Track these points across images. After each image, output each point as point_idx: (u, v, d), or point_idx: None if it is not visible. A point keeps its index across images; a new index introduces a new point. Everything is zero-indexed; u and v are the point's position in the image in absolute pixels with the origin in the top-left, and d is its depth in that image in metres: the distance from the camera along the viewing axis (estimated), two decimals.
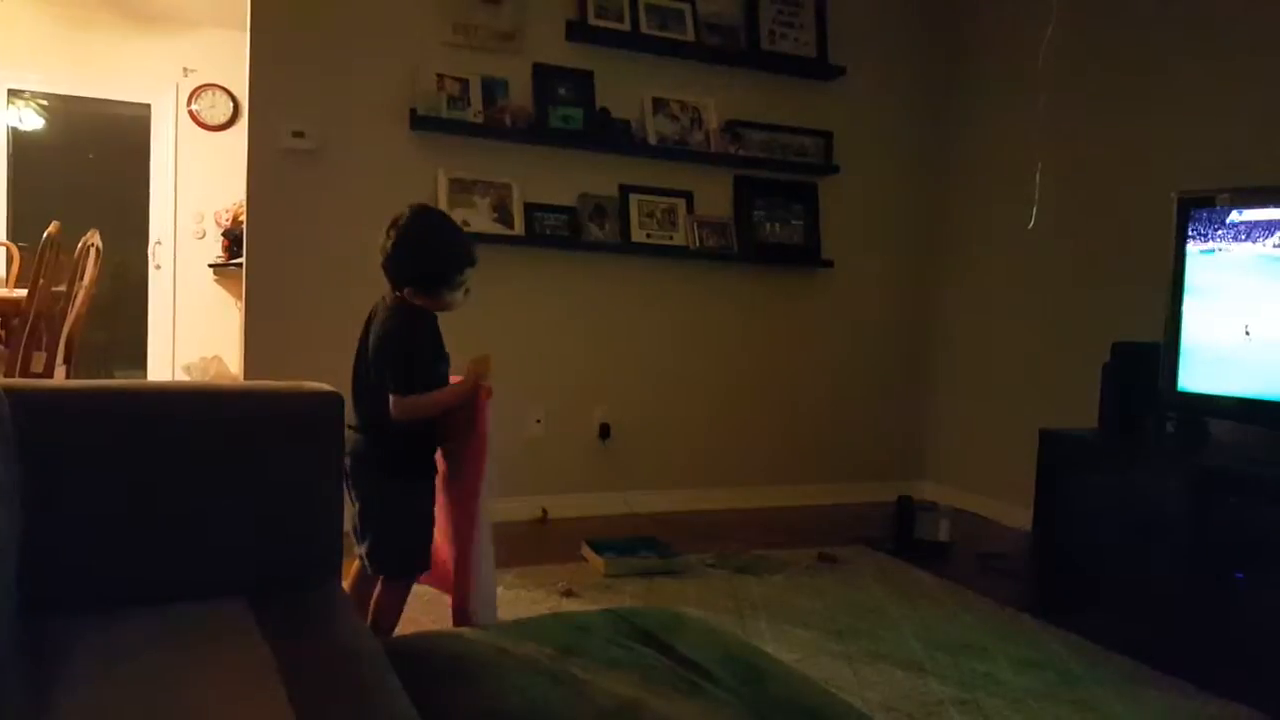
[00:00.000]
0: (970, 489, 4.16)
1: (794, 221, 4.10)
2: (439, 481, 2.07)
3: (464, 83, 3.51)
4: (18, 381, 1.59)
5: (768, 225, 4.04)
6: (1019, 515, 3.57)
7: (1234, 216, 2.74)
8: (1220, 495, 2.54)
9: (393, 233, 1.97)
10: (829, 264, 4.13)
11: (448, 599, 2.04)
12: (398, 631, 1.98)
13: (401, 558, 1.98)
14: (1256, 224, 2.69)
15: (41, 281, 3.44)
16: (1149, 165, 3.44)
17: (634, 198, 3.80)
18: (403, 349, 1.93)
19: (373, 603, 1.98)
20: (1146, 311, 3.10)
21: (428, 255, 1.98)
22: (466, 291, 2.03)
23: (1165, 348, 2.90)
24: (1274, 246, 2.66)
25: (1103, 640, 2.58)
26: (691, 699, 1.26)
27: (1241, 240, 2.73)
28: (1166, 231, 2.92)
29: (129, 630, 1.29)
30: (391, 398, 1.89)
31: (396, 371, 1.91)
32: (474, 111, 3.50)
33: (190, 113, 5.86)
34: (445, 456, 2.06)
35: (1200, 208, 2.82)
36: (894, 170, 4.32)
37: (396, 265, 1.97)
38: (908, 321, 4.42)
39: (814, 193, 4.14)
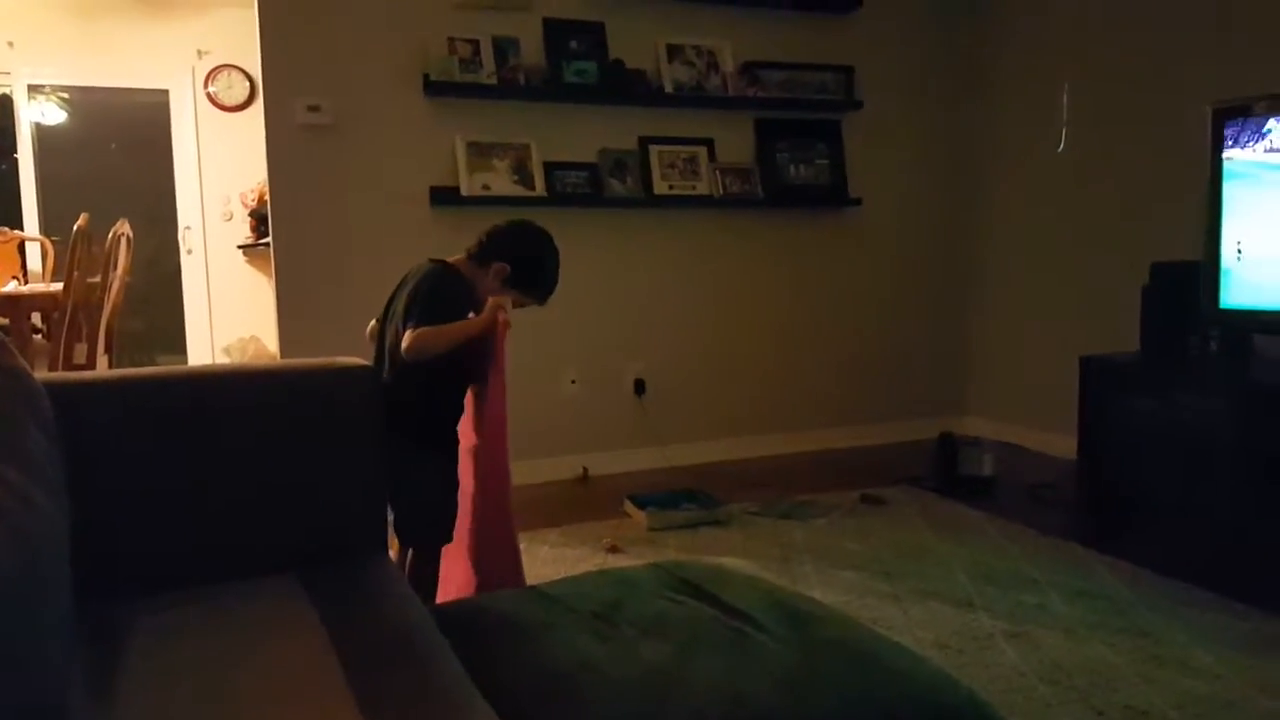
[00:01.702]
0: (1013, 421, 4.11)
1: (818, 161, 4.02)
2: (461, 454, 2.06)
3: (475, 44, 3.47)
4: (58, 375, 1.62)
5: (792, 167, 3.97)
6: (1063, 445, 3.53)
7: (1271, 125, 2.64)
8: (1269, 412, 2.48)
9: (523, 224, 2.06)
10: (857, 202, 4.06)
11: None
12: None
13: (429, 527, 1.97)
14: None
15: (76, 274, 3.50)
16: (1180, 78, 3.31)
17: (654, 149, 3.75)
18: (428, 289, 1.92)
19: (406, 574, 1.99)
20: (1185, 229, 3.02)
21: (548, 267, 2.07)
22: (519, 303, 2.06)
23: (1205, 265, 2.82)
24: None
25: (1154, 566, 2.55)
26: (740, 648, 1.27)
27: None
28: (1202, 145, 2.82)
29: (183, 610, 1.32)
30: (406, 333, 1.86)
31: (416, 308, 1.88)
32: (487, 73, 3.46)
33: (208, 95, 5.86)
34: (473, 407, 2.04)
35: (1235, 118, 2.72)
36: (918, 101, 4.21)
37: (516, 247, 2.02)
38: (940, 255, 4.34)
39: (837, 130, 4.05)
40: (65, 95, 5.99)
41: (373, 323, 2.07)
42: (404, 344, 1.84)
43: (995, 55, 4.15)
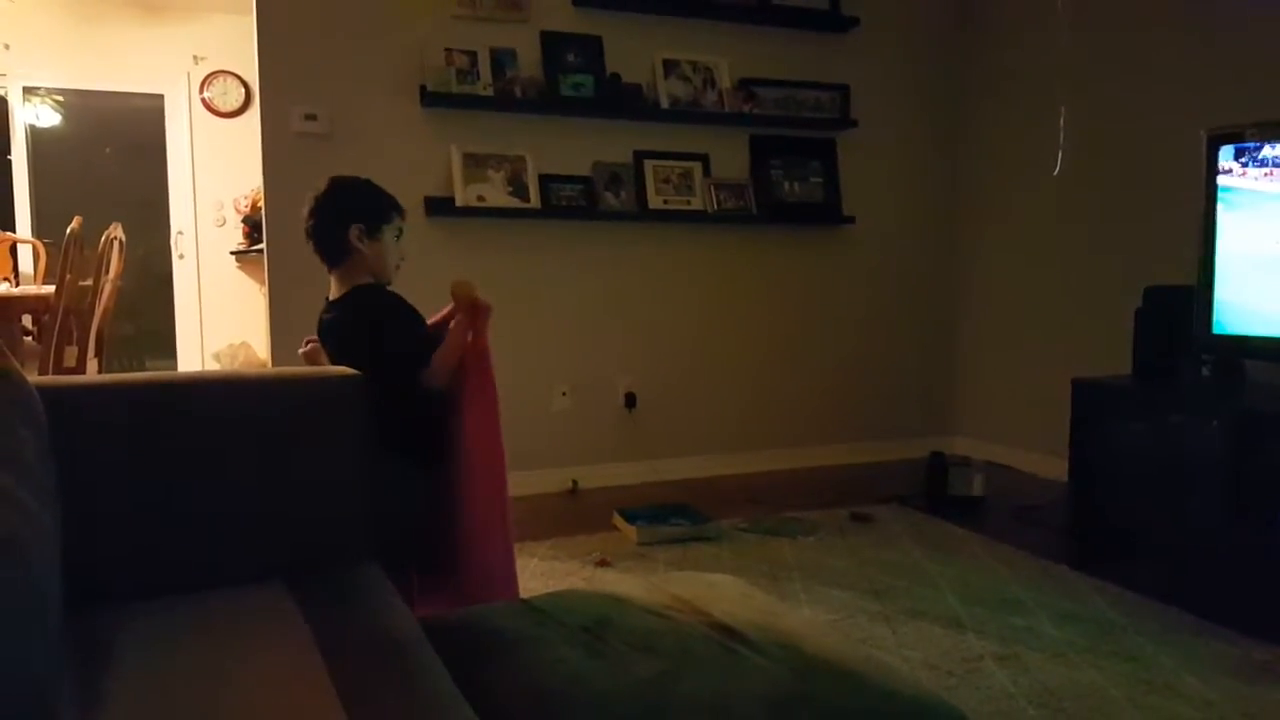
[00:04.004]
0: (1003, 442, 4.12)
1: (813, 179, 4.04)
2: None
3: (472, 55, 3.48)
4: (50, 379, 1.60)
5: (786, 184, 3.99)
6: (1054, 466, 3.54)
7: (1265, 151, 2.67)
8: (1260, 438, 2.49)
9: (315, 198, 1.96)
10: (850, 220, 4.07)
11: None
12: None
13: (396, 543, 1.83)
14: None
15: (68, 277, 3.48)
16: (1176, 102, 3.34)
17: (649, 163, 3.76)
18: (395, 321, 1.89)
19: None
20: (1179, 254, 3.04)
21: (363, 190, 1.98)
22: (400, 234, 1.99)
23: (1198, 290, 2.84)
24: None
25: (1143, 590, 2.55)
26: (730, 666, 1.26)
27: (1274, 175, 2.66)
28: (1196, 170, 2.84)
29: (171, 617, 1.31)
30: (422, 374, 1.87)
31: (410, 348, 1.86)
32: (484, 84, 3.47)
33: (203, 100, 5.87)
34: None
35: (1230, 144, 2.75)
36: (913, 121, 4.24)
37: (334, 214, 1.94)
38: (933, 275, 4.36)
39: (832, 148, 4.07)
40: (60, 98, 5.98)
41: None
42: (429, 382, 1.86)
43: (990, 77, 4.19)
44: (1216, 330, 2.81)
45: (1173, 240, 3.16)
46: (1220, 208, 2.78)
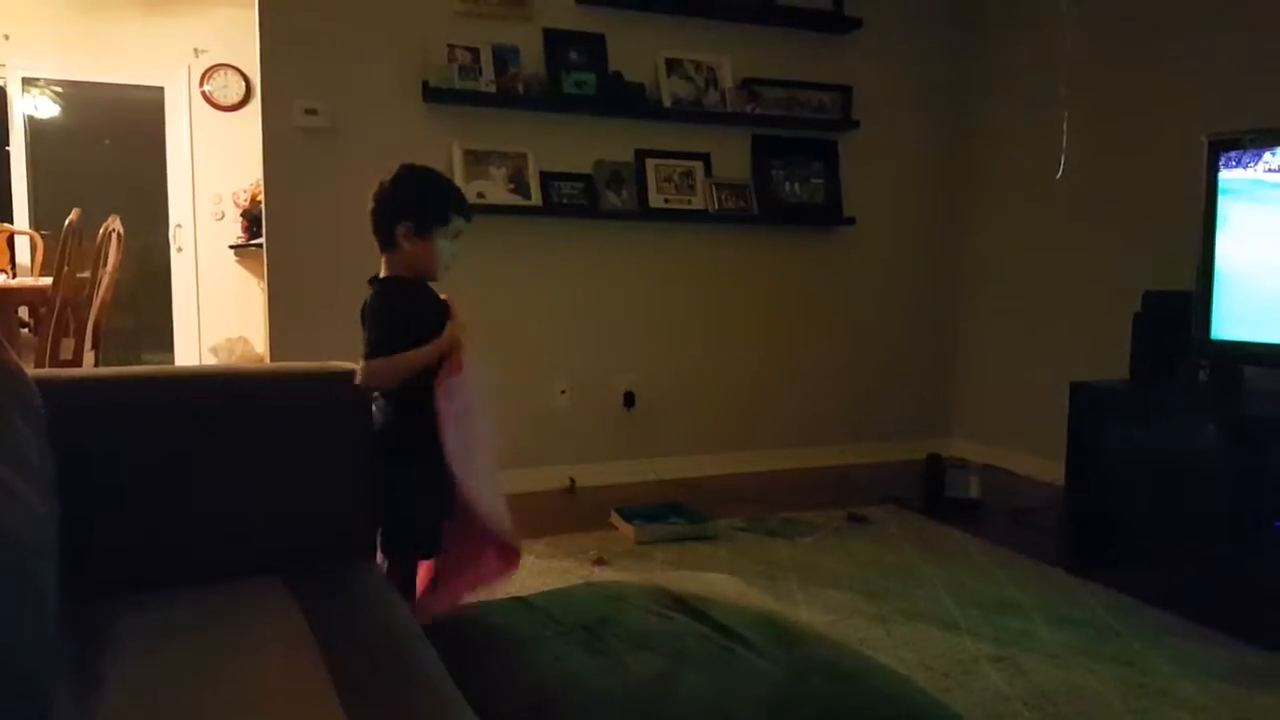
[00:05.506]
0: (1001, 445, 4.12)
1: (814, 180, 4.04)
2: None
3: (475, 52, 3.47)
4: (48, 372, 1.60)
5: (787, 185, 3.99)
6: (1051, 470, 3.54)
7: (1266, 158, 2.67)
8: (1256, 444, 2.50)
9: (381, 183, 1.95)
10: (851, 221, 4.07)
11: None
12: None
13: (402, 536, 1.84)
14: None
15: (66, 269, 3.47)
16: (1179, 109, 3.35)
17: (650, 162, 3.76)
18: (372, 314, 1.86)
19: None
20: (1178, 259, 3.04)
21: (425, 188, 1.97)
22: (457, 235, 1.97)
23: (1197, 295, 2.84)
24: None
25: (1138, 594, 2.56)
26: (728, 666, 1.26)
27: (1275, 182, 2.66)
28: (1198, 176, 2.85)
29: (168, 611, 1.31)
30: (359, 365, 1.77)
31: (366, 335, 1.82)
32: (486, 81, 3.46)
33: (203, 94, 5.85)
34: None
35: (1231, 150, 2.75)
36: (915, 123, 4.24)
37: (391, 205, 1.93)
38: (933, 276, 4.36)
39: (834, 150, 4.07)
40: (59, 89, 5.97)
41: None
42: (357, 378, 1.74)
43: (993, 80, 4.19)
44: (1214, 336, 2.82)
45: (1172, 245, 3.17)
46: (1221, 213, 2.78)
